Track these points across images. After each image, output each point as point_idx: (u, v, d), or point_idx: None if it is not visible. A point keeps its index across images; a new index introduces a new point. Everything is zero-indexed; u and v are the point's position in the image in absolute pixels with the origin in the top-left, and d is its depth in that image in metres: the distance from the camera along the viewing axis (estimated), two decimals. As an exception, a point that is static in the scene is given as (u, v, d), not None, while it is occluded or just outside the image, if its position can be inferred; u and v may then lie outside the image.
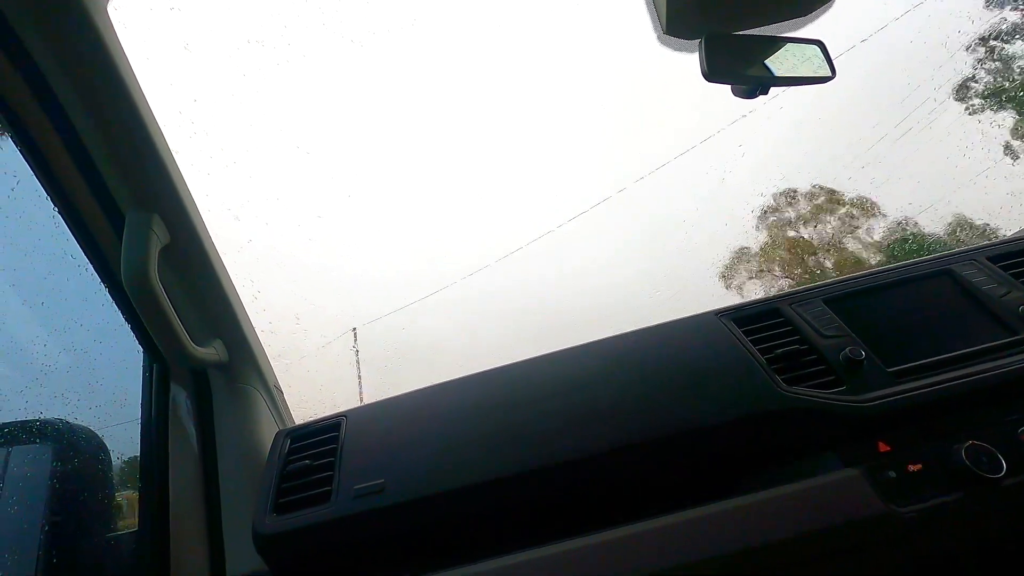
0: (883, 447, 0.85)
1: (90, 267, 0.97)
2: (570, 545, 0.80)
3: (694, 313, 1.11)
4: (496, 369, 1.10)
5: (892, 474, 0.80)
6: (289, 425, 1.20)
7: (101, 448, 1.02)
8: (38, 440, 0.99)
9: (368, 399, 1.17)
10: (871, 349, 0.94)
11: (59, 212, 0.92)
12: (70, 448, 0.99)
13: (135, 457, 1.05)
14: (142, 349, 1.07)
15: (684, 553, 0.77)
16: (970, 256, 1.07)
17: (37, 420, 1.00)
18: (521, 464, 0.89)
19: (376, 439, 1.01)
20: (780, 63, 0.86)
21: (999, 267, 1.03)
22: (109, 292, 0.99)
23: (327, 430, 1.04)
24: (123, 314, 1.01)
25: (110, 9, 0.83)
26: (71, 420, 1.00)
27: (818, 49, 0.87)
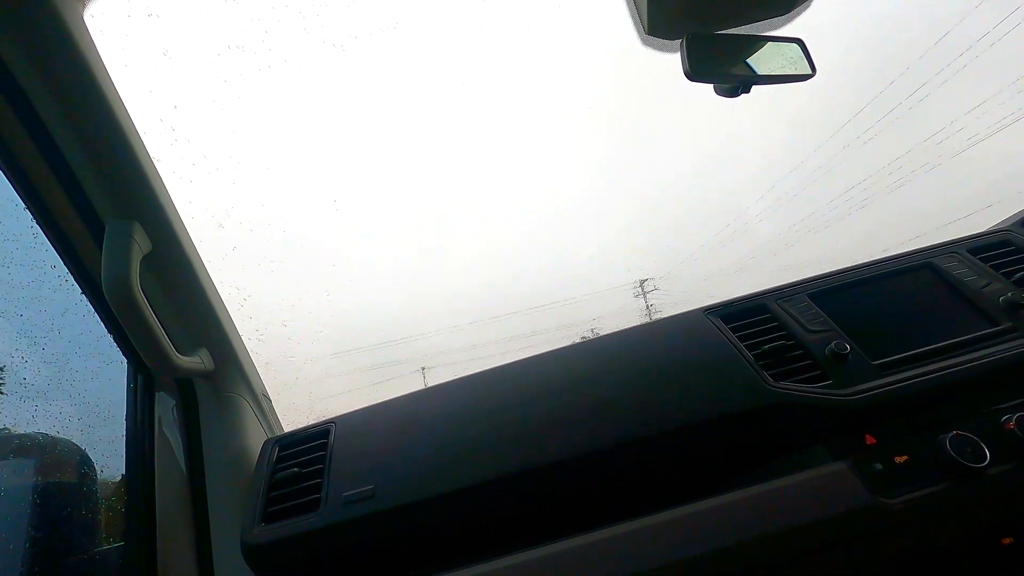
0: (869, 440, 0.86)
1: (71, 277, 0.95)
2: (561, 546, 0.80)
3: (682, 311, 1.11)
4: (485, 372, 1.10)
5: (879, 466, 0.81)
6: (278, 433, 1.19)
7: (84, 461, 1.00)
8: (18, 454, 0.97)
9: (359, 404, 1.16)
10: (856, 343, 0.95)
11: (38, 222, 0.91)
12: (52, 462, 0.97)
13: (120, 470, 1.03)
14: (126, 360, 1.05)
15: (677, 550, 0.77)
16: (951, 249, 1.09)
17: (17, 434, 0.98)
18: (512, 466, 0.89)
19: (366, 445, 1.00)
20: (761, 62, 0.87)
21: (979, 259, 1.05)
22: (91, 302, 0.98)
23: (316, 437, 1.03)
24: (106, 324, 0.99)
25: (86, 16, 0.82)
26: (52, 433, 0.98)
27: (798, 47, 0.88)
